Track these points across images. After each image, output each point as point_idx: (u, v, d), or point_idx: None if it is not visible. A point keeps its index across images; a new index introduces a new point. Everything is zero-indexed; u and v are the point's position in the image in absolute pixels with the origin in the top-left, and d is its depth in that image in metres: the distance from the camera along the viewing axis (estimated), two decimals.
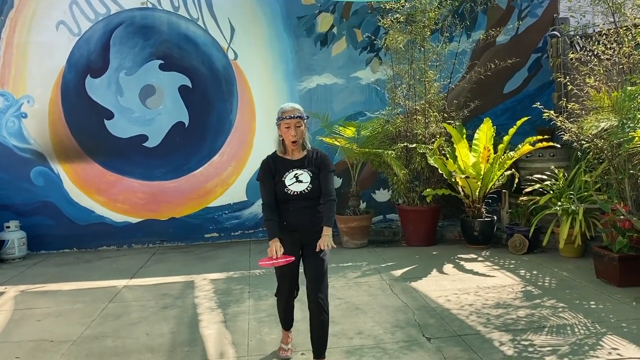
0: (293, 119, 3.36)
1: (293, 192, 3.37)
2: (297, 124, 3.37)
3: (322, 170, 3.42)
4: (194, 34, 7.50)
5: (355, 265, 6.12)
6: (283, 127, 3.39)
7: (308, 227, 3.39)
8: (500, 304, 4.66)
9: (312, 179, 3.38)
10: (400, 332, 4.10)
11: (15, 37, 7.24)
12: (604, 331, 3.97)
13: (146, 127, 7.50)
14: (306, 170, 3.40)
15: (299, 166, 3.42)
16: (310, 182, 3.37)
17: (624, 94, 4.78)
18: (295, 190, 3.36)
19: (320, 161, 3.44)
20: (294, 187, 3.37)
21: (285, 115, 3.38)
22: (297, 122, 3.37)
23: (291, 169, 3.40)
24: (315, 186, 3.38)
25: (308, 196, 3.37)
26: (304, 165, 3.42)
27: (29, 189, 7.34)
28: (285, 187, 3.37)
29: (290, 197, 3.37)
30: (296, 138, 3.38)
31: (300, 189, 3.36)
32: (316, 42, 7.72)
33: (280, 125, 3.41)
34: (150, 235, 7.60)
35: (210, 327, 4.38)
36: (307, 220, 3.39)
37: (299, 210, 3.38)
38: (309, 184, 3.37)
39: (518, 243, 6.33)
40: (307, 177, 3.38)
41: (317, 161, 3.44)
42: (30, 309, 5.04)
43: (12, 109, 7.29)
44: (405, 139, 7.00)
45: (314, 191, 3.38)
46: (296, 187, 3.37)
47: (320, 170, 3.42)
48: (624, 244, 4.90)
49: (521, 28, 7.93)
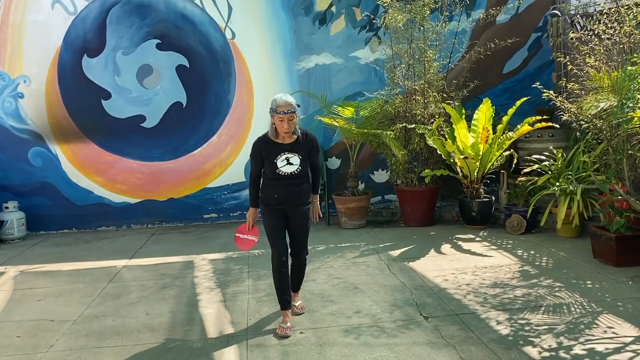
0: (286, 114, 3.70)
1: (284, 172, 3.81)
2: (290, 118, 3.72)
3: (311, 154, 3.91)
4: (191, 13, 7.42)
5: (353, 246, 6.14)
6: (277, 119, 3.73)
7: (294, 198, 3.89)
8: (498, 283, 4.70)
9: (302, 161, 3.84)
10: (398, 311, 4.13)
11: (10, 17, 7.16)
12: (599, 310, 4.01)
13: (144, 107, 7.47)
14: (296, 153, 3.83)
15: (290, 150, 3.82)
16: (300, 164, 3.83)
17: (624, 73, 4.75)
18: (286, 171, 3.81)
19: (310, 144, 3.90)
20: (285, 168, 3.80)
21: (279, 110, 3.69)
22: (290, 116, 3.71)
23: (282, 152, 3.81)
24: (304, 167, 3.86)
25: (297, 175, 3.84)
26: (294, 149, 3.83)
27: (27, 170, 7.33)
28: (277, 169, 3.80)
29: (281, 176, 3.82)
30: (289, 130, 3.77)
31: (290, 170, 3.81)
32: (314, 21, 7.64)
33: (274, 117, 3.74)
34: (149, 216, 7.62)
35: (210, 307, 4.41)
36: (295, 194, 3.88)
37: (288, 187, 3.85)
38: (298, 166, 3.83)
39: (516, 223, 6.35)
40: (297, 159, 3.82)
41: (308, 144, 3.89)
42: (31, 289, 5.07)
43: (8, 89, 7.24)
44: (404, 120, 6.97)
45: (302, 171, 3.86)
46: (287, 169, 3.81)
47: (310, 153, 3.90)
48: (622, 224, 4.92)
49: (521, 7, 7.84)
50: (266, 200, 3.94)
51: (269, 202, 3.92)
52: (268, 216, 3.93)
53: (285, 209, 3.90)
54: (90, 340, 3.86)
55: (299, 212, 3.92)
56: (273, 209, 3.91)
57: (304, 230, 3.99)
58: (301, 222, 3.95)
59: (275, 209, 3.90)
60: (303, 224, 3.97)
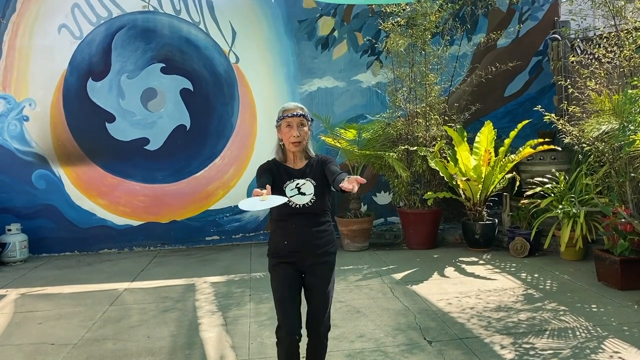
0: (296, 117, 2.89)
1: (295, 204, 2.85)
2: (301, 123, 2.90)
3: (326, 166, 2.94)
4: (195, 37, 7.52)
5: (356, 268, 6.11)
6: (284, 126, 2.92)
7: (311, 248, 2.88)
8: (502, 307, 4.65)
9: (317, 189, 2.88)
10: (402, 336, 4.09)
11: (17, 41, 7.27)
12: (605, 334, 3.96)
13: (148, 130, 7.52)
14: (309, 179, 2.90)
15: (301, 175, 2.92)
16: (314, 194, 2.87)
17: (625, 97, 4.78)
18: (298, 202, 2.85)
19: (322, 161, 2.98)
20: (296, 199, 2.85)
21: (287, 113, 2.91)
22: (300, 120, 2.90)
23: (292, 179, 2.91)
24: (320, 199, 2.89)
25: (312, 210, 2.87)
26: (306, 174, 2.93)
27: (30, 192, 7.35)
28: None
29: (292, 211, 2.85)
30: (299, 139, 2.89)
31: (303, 201, 2.85)
32: (317, 45, 7.73)
33: (281, 126, 2.93)
34: (152, 238, 7.61)
35: (211, 330, 4.38)
36: (311, 240, 2.88)
37: (301, 228, 2.87)
38: (312, 196, 2.86)
39: (519, 246, 6.32)
40: (310, 187, 2.88)
41: (319, 164, 2.97)
42: (31, 312, 5.04)
43: (14, 112, 7.31)
44: (406, 142, 7.00)
45: (318, 204, 2.88)
46: (299, 200, 2.85)
47: (324, 167, 2.94)
48: (626, 247, 4.89)
49: (522, 31, 7.94)
50: (274, 250, 2.96)
51: (278, 252, 2.93)
52: (276, 274, 2.94)
53: (300, 263, 2.91)
54: None
55: (319, 266, 2.91)
56: (283, 263, 2.91)
57: (324, 293, 2.91)
58: (322, 281, 2.92)
59: (285, 263, 2.91)
60: (324, 283, 2.92)
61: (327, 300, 2.94)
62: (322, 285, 2.92)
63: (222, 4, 7.52)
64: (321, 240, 2.91)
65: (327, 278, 2.94)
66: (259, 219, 7.71)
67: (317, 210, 2.89)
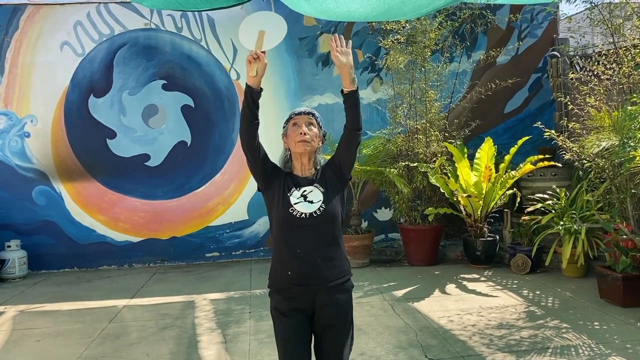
0: (303, 115, 2.54)
1: (300, 213, 2.39)
2: (309, 122, 2.53)
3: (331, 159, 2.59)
4: (196, 54, 7.58)
5: (357, 285, 6.03)
6: (290, 127, 2.55)
7: (322, 277, 2.37)
8: (503, 324, 4.62)
9: (325, 197, 2.43)
10: (403, 353, 4.05)
11: (19, 58, 7.32)
12: (608, 352, 3.92)
13: (148, 146, 7.53)
14: (317, 186, 2.47)
15: (308, 183, 2.49)
16: (323, 202, 2.41)
17: (625, 113, 4.79)
18: (304, 211, 2.39)
19: (327, 164, 2.60)
20: (300, 207, 2.40)
21: (294, 112, 2.60)
22: (308, 118, 2.53)
23: (298, 187, 2.47)
24: (330, 208, 2.41)
25: (321, 222, 2.40)
26: (313, 181, 2.49)
27: (30, 208, 7.35)
28: (290, 207, 2.41)
29: (296, 222, 2.39)
30: (306, 137, 2.48)
31: (309, 210, 2.39)
32: (317, 62, 7.78)
33: (288, 130, 2.57)
34: (151, 255, 7.58)
35: (210, 348, 4.34)
36: (320, 265, 2.37)
37: (308, 251, 2.37)
38: (321, 204, 2.41)
39: (521, 263, 6.29)
40: (318, 194, 2.43)
41: (325, 167, 2.58)
42: (30, 329, 5.00)
43: (15, 128, 7.33)
44: (407, 158, 7.01)
45: (327, 215, 2.40)
46: (304, 208, 2.40)
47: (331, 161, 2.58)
48: (628, 263, 4.87)
49: (521, 48, 7.99)
50: (276, 283, 2.46)
51: (280, 286, 2.43)
52: (280, 322, 2.42)
53: (308, 299, 2.39)
54: None
55: (332, 307, 2.40)
56: (287, 302, 2.40)
57: (340, 338, 2.41)
58: (336, 321, 2.41)
59: (290, 301, 2.40)
60: (339, 325, 2.42)
61: (344, 345, 2.41)
62: (337, 327, 2.40)
63: (223, 21, 7.58)
64: (333, 269, 2.41)
65: (342, 316, 2.42)
66: (259, 235, 7.69)
67: (327, 221, 2.40)
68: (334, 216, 2.43)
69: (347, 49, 2.46)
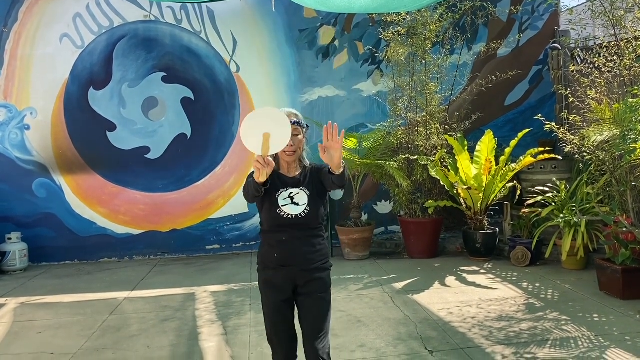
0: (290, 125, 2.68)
1: (287, 214, 2.72)
2: (295, 132, 2.73)
3: (321, 172, 2.80)
4: (196, 46, 7.55)
5: (356, 278, 6.09)
6: None
7: (304, 262, 2.71)
8: (503, 316, 4.63)
9: (310, 200, 2.75)
10: (402, 345, 4.07)
11: (19, 50, 7.30)
12: (607, 344, 3.94)
13: (148, 138, 7.53)
14: (303, 189, 2.76)
15: (295, 184, 2.78)
16: (308, 204, 2.73)
17: (625, 106, 4.79)
18: (290, 213, 2.72)
19: (317, 169, 2.83)
20: (288, 209, 2.72)
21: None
22: (294, 129, 2.72)
23: (286, 187, 2.76)
24: (313, 210, 2.74)
25: (305, 222, 2.72)
26: (300, 183, 2.78)
27: (30, 201, 7.35)
28: (277, 208, 2.72)
29: (284, 222, 2.72)
30: (293, 148, 2.75)
31: (295, 212, 2.72)
32: (318, 54, 7.76)
33: None
34: (152, 247, 7.59)
35: (211, 340, 4.36)
36: (303, 253, 2.73)
37: (293, 241, 2.72)
38: (306, 207, 2.73)
39: (520, 255, 6.30)
40: (303, 197, 2.74)
41: (313, 172, 2.83)
42: (31, 321, 5.02)
43: (15, 120, 7.32)
44: (407, 151, 7.00)
45: (311, 216, 2.73)
46: (291, 210, 2.72)
47: (320, 174, 2.80)
48: (627, 256, 4.88)
49: (522, 41, 7.97)
50: (263, 263, 2.83)
51: (267, 266, 2.79)
52: (267, 295, 2.78)
53: (291, 279, 2.72)
54: None
55: (312, 283, 2.72)
56: (273, 278, 2.75)
57: (321, 310, 2.71)
58: (316, 302, 2.72)
59: (276, 277, 2.75)
60: (318, 305, 2.72)
61: (324, 321, 2.70)
62: (316, 306, 2.71)
63: (223, 13, 7.56)
64: (314, 255, 2.73)
65: (321, 298, 2.72)
66: (259, 228, 7.67)
67: (311, 221, 2.74)
68: (317, 216, 2.77)
69: (338, 144, 2.57)
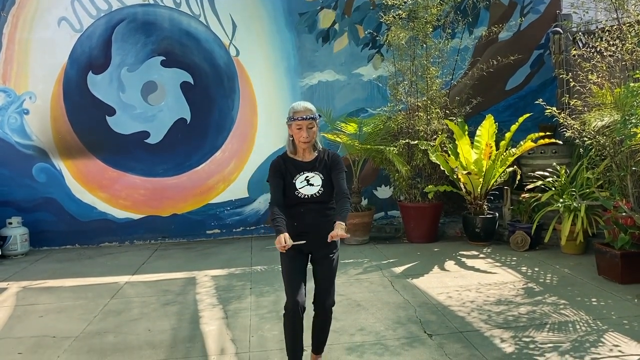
0: (305, 120, 3.20)
1: (304, 195, 3.22)
2: (310, 125, 3.22)
3: (333, 171, 3.28)
4: (195, 30, 7.50)
5: (356, 262, 6.12)
6: (294, 127, 3.23)
7: (318, 230, 3.19)
8: (502, 300, 4.66)
9: (324, 182, 3.25)
10: (402, 329, 4.10)
11: (17, 34, 7.24)
12: (605, 328, 3.97)
13: (148, 123, 7.51)
14: (317, 173, 3.26)
15: (310, 169, 3.26)
16: (322, 186, 3.23)
17: (627, 90, 4.76)
18: (306, 193, 3.22)
19: (331, 162, 3.30)
20: (304, 190, 3.22)
21: (297, 116, 3.21)
22: (309, 123, 3.21)
23: (302, 172, 3.26)
24: (327, 189, 3.25)
25: (320, 199, 3.23)
26: (315, 168, 3.27)
27: (31, 185, 7.35)
28: (296, 190, 3.23)
29: (301, 200, 3.23)
30: (308, 139, 3.23)
31: (311, 192, 3.22)
32: (318, 38, 7.70)
33: (292, 126, 3.25)
34: (152, 232, 7.61)
35: (212, 324, 4.39)
36: (317, 222, 3.22)
37: (309, 212, 3.23)
38: (320, 187, 3.23)
39: (520, 240, 6.32)
40: (318, 180, 3.24)
41: (329, 163, 3.30)
42: (32, 305, 5.06)
43: (14, 105, 7.29)
44: (407, 136, 6.99)
45: (325, 194, 3.24)
46: (307, 191, 3.22)
47: (332, 171, 3.28)
48: (626, 240, 4.89)
49: (523, 24, 7.90)
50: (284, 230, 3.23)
51: (288, 233, 3.16)
52: (285, 253, 3.19)
53: (308, 243, 3.19)
54: (91, 357, 3.83)
55: (324, 247, 3.22)
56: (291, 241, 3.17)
57: (329, 269, 3.28)
58: (327, 260, 3.27)
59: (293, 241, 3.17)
60: (329, 262, 3.27)
61: (332, 276, 3.30)
62: (327, 263, 3.27)
63: None
64: (326, 224, 3.16)
65: (332, 257, 3.27)
66: (260, 213, 7.71)
67: (324, 198, 3.25)
68: (330, 195, 3.28)
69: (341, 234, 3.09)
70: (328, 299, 3.29)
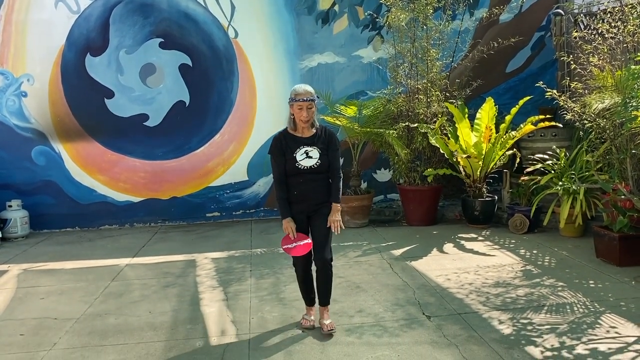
0: (305, 102, 3.65)
1: (304, 166, 3.70)
2: (309, 106, 3.67)
3: (329, 148, 3.76)
4: (194, 12, 7.42)
5: (356, 245, 6.14)
6: (296, 108, 3.68)
7: (316, 196, 3.75)
8: (500, 283, 4.69)
9: (321, 155, 3.73)
10: (400, 311, 4.13)
11: (14, 15, 7.18)
12: (602, 310, 4.00)
13: (147, 106, 7.48)
14: (315, 147, 3.73)
15: (309, 143, 3.74)
16: (319, 158, 3.72)
17: (628, 72, 4.74)
18: (306, 165, 3.70)
19: (328, 139, 3.78)
20: (304, 162, 3.70)
21: (298, 97, 3.65)
22: (309, 104, 3.66)
23: (302, 146, 3.72)
24: (324, 161, 3.74)
25: (317, 170, 3.72)
26: (313, 143, 3.74)
27: (30, 168, 7.35)
28: (296, 162, 3.69)
29: (301, 170, 3.71)
30: (307, 118, 3.69)
31: (310, 164, 3.70)
32: (317, 20, 7.64)
33: (293, 106, 3.69)
34: (152, 215, 7.63)
35: (212, 305, 4.42)
36: (316, 190, 3.75)
37: (308, 182, 3.73)
38: (318, 159, 3.72)
39: (519, 223, 6.34)
40: (316, 153, 3.72)
41: (325, 139, 3.77)
42: (34, 287, 5.09)
43: (12, 87, 7.25)
44: (407, 119, 6.97)
45: (322, 165, 3.73)
46: (306, 162, 3.70)
47: (328, 148, 3.76)
48: (625, 223, 4.90)
49: (525, 6, 7.83)
50: (288, 199, 3.80)
51: (289, 201, 3.78)
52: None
53: (307, 208, 3.76)
54: (92, 339, 3.87)
55: (321, 209, 3.77)
56: (293, 207, 3.77)
57: (324, 228, 3.76)
58: (323, 220, 3.76)
59: (295, 206, 3.77)
60: (325, 222, 3.76)
61: (328, 234, 3.78)
62: (323, 222, 3.75)
63: None
64: (323, 190, 3.77)
65: (325, 215, 3.76)
66: (259, 196, 7.72)
67: (321, 169, 3.74)
68: (326, 167, 3.77)
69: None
70: (324, 252, 3.75)
